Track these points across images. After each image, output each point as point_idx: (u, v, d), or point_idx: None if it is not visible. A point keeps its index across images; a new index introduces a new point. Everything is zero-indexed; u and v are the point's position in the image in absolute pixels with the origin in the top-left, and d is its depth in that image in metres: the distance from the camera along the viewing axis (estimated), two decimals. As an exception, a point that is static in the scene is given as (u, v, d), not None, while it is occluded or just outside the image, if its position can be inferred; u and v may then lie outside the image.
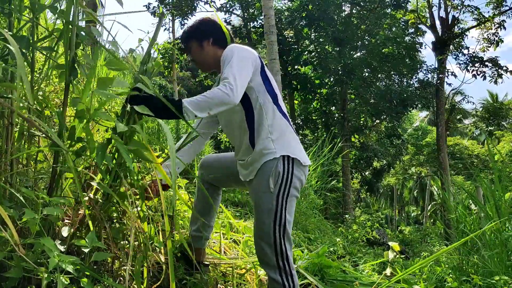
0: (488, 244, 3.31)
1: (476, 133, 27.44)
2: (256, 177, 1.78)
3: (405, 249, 8.19)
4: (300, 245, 3.61)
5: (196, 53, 1.95)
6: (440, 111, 15.40)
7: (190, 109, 1.51)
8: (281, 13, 15.03)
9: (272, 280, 1.73)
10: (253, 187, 1.80)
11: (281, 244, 1.71)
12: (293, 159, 1.75)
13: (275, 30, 6.18)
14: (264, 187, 1.73)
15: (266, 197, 1.72)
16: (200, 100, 1.55)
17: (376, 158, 17.00)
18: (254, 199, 1.81)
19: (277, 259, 1.71)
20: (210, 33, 1.92)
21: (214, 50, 1.92)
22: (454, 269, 3.46)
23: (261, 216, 1.73)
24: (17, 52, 0.95)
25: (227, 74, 1.61)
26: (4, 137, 1.44)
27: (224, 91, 1.55)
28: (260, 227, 1.74)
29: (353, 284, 2.60)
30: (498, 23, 15.23)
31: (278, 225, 1.71)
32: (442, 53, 15.34)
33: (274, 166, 1.72)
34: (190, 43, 1.95)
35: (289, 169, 1.74)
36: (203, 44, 1.92)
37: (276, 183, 1.71)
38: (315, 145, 5.56)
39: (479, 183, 4.20)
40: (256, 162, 1.77)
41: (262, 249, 1.73)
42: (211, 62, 1.95)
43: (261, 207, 1.73)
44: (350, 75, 13.80)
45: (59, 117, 1.42)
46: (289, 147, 1.76)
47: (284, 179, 1.72)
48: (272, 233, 1.70)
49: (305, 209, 4.92)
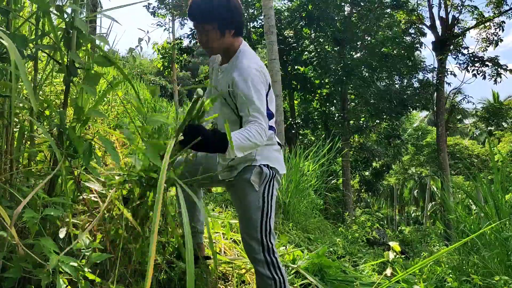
0: (488, 244, 3.31)
1: (477, 133, 27.44)
2: (238, 178, 1.84)
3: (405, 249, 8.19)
4: (300, 245, 3.61)
5: (211, 36, 1.75)
6: (440, 111, 15.40)
7: (235, 152, 1.54)
8: (280, 13, 15.03)
9: (261, 275, 1.81)
10: (236, 187, 1.86)
11: (267, 239, 1.81)
12: (272, 167, 1.85)
13: (275, 30, 6.18)
14: (249, 188, 1.81)
15: (252, 196, 1.80)
16: (245, 144, 1.57)
17: (376, 159, 17.00)
18: (239, 197, 1.86)
19: (264, 253, 1.80)
20: (234, 22, 1.76)
21: (232, 41, 1.80)
22: (454, 269, 3.46)
23: (247, 213, 1.81)
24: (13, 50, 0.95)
25: (257, 114, 1.63)
26: (4, 137, 1.44)
27: (261, 134, 1.61)
28: (247, 224, 1.82)
29: (353, 284, 2.60)
30: (498, 23, 15.23)
31: (264, 222, 1.80)
32: (442, 53, 15.34)
33: (254, 168, 1.81)
34: (209, 24, 1.72)
35: (269, 171, 1.83)
36: (224, 32, 1.75)
37: (260, 182, 1.81)
38: (315, 145, 5.55)
39: (479, 183, 4.20)
40: (237, 165, 1.82)
41: (249, 245, 1.81)
42: (221, 49, 1.82)
43: (248, 205, 1.81)
44: (349, 75, 13.81)
45: (60, 117, 1.42)
46: (272, 160, 1.86)
47: (267, 178, 1.82)
48: (259, 229, 1.79)
49: (305, 209, 4.92)
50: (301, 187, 4.80)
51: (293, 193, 4.62)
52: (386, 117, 15.29)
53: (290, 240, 3.65)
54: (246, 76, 1.69)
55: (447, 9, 15.70)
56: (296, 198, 4.65)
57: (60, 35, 1.39)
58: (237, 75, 1.71)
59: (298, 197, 4.69)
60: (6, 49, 1.22)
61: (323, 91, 15.63)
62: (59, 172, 1.37)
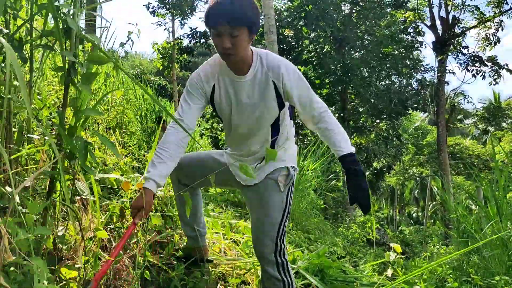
0: (489, 244, 3.31)
1: (477, 133, 27.42)
2: (264, 181, 1.86)
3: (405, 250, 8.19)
4: (300, 245, 3.60)
5: (240, 42, 1.59)
6: (440, 111, 15.39)
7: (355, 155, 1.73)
8: (280, 13, 15.02)
9: (269, 276, 1.80)
10: (260, 188, 1.87)
11: (281, 240, 1.82)
12: (295, 168, 1.93)
13: (275, 30, 6.18)
14: (274, 188, 1.84)
15: (277, 196, 1.83)
16: (347, 143, 1.77)
17: (375, 159, 16.97)
18: (261, 197, 1.85)
19: (275, 254, 1.80)
20: (257, 30, 1.66)
21: (248, 48, 1.69)
22: (455, 269, 3.45)
23: (270, 213, 1.82)
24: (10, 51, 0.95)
25: (322, 105, 1.81)
26: (4, 137, 1.43)
27: (341, 128, 1.83)
28: (267, 224, 1.81)
29: (353, 284, 2.60)
30: (498, 23, 15.22)
31: (283, 222, 1.83)
32: (442, 53, 15.33)
33: (282, 170, 1.86)
34: (240, 27, 1.56)
35: (293, 174, 1.89)
36: (252, 37, 1.64)
37: (286, 184, 1.85)
38: (314, 145, 5.54)
39: (479, 183, 4.19)
40: (265, 169, 1.86)
41: (263, 244, 1.81)
42: (242, 57, 1.68)
43: (272, 205, 1.82)
44: (349, 75, 13.79)
45: (59, 117, 1.42)
46: (294, 160, 1.94)
47: (290, 181, 1.87)
48: (277, 229, 1.81)
49: (305, 209, 4.92)
50: (301, 187, 4.80)
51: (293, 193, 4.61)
52: (386, 117, 15.27)
53: (290, 240, 3.65)
54: (294, 69, 1.74)
55: (447, 9, 15.70)
56: (296, 198, 4.64)
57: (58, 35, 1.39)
58: (284, 70, 1.70)
59: (298, 197, 4.69)
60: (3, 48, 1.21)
61: (323, 91, 15.62)
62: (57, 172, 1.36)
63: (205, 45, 13.55)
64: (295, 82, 1.71)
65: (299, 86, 1.72)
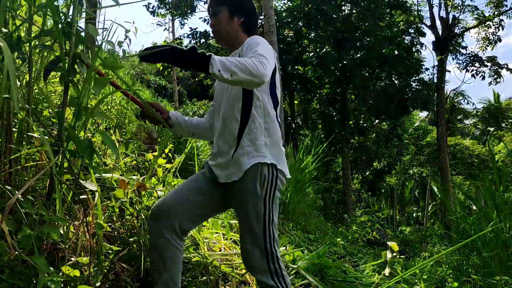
0: (489, 244, 3.31)
1: (477, 133, 27.41)
2: (242, 179, 1.67)
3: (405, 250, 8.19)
4: (300, 245, 3.60)
5: (222, 21, 1.79)
6: (440, 111, 15.38)
7: (217, 62, 1.45)
8: (280, 13, 15.01)
9: (264, 285, 1.66)
10: (239, 190, 1.69)
11: (271, 247, 1.66)
12: (278, 169, 1.72)
13: (275, 30, 6.18)
14: (252, 191, 1.66)
15: (254, 201, 1.65)
16: (229, 59, 1.47)
17: (376, 159, 16.97)
18: (239, 203, 1.70)
19: (268, 262, 1.65)
20: (244, 13, 1.80)
21: (238, 31, 1.80)
22: (455, 269, 3.45)
23: (250, 222, 1.66)
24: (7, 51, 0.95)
25: (261, 52, 1.55)
26: (3, 137, 1.43)
27: (256, 62, 1.48)
28: (250, 232, 1.66)
29: (353, 284, 2.60)
30: (498, 22, 15.23)
31: (268, 229, 1.66)
32: (442, 53, 15.33)
33: (260, 169, 1.67)
34: (219, 6, 1.79)
35: (274, 173, 1.69)
36: (233, 17, 1.79)
37: (262, 186, 1.66)
38: (314, 144, 5.55)
39: (479, 183, 4.19)
40: (243, 162, 1.67)
41: (252, 254, 1.66)
42: (229, 38, 1.82)
43: (249, 212, 1.66)
44: (349, 75, 13.79)
45: (59, 117, 1.42)
46: (279, 159, 1.73)
47: (269, 182, 1.68)
48: (263, 237, 1.65)
49: (305, 209, 4.92)
50: (299, 186, 4.80)
51: (293, 193, 4.62)
52: (386, 117, 15.27)
53: (290, 240, 3.65)
54: (258, 37, 1.70)
55: (447, 9, 15.70)
56: (296, 198, 4.64)
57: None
58: (246, 42, 1.69)
59: (298, 197, 4.69)
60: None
61: (323, 91, 15.61)
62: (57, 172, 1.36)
63: (205, 45, 13.55)
64: (250, 39, 1.69)
65: (251, 42, 1.67)
